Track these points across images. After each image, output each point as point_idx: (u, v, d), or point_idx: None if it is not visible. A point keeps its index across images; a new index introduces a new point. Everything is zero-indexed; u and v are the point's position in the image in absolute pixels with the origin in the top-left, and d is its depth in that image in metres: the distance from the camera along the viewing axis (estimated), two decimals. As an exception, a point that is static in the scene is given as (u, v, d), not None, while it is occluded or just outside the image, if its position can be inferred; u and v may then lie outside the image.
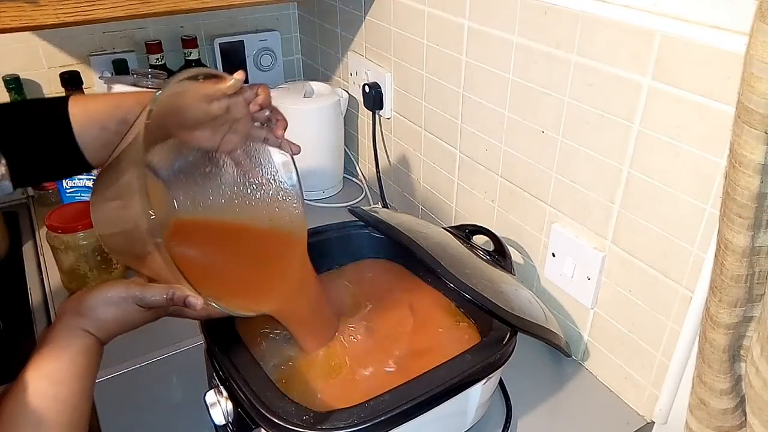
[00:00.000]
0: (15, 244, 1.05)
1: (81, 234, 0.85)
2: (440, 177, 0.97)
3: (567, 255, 0.74)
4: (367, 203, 1.18)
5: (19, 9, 0.71)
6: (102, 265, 0.89)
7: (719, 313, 0.50)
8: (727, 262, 0.48)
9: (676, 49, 0.55)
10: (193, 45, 1.19)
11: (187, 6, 0.82)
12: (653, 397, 0.69)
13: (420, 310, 0.72)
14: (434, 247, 0.67)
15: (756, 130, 0.43)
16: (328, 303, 0.70)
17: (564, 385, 0.76)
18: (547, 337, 0.65)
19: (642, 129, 0.61)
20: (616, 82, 0.62)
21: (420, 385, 0.55)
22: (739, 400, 0.54)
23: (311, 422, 0.51)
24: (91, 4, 0.75)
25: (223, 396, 0.59)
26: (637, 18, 0.58)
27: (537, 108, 0.73)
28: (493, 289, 0.64)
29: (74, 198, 0.95)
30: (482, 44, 0.79)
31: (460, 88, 0.86)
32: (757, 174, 0.44)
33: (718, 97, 0.53)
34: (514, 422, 0.70)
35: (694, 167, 0.57)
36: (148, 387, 0.75)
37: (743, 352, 0.53)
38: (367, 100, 1.08)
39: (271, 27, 1.32)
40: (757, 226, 0.46)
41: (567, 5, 0.65)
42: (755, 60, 0.41)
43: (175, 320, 0.86)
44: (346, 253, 0.79)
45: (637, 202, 0.64)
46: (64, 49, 1.13)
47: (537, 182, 0.77)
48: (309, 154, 1.13)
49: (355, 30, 1.11)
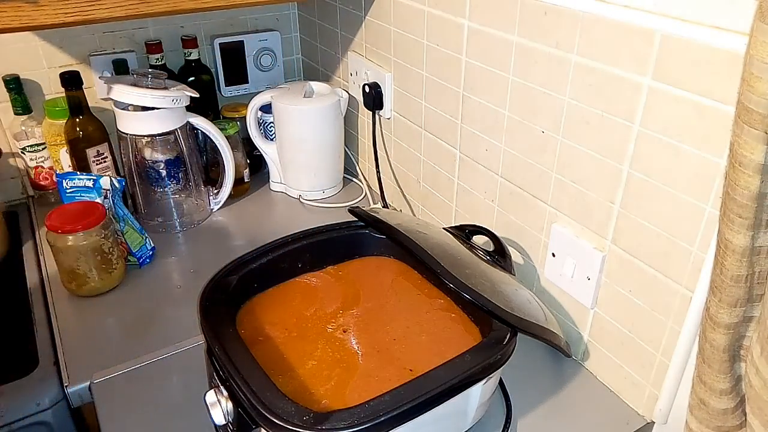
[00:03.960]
0: (15, 244, 1.05)
1: (81, 234, 0.86)
2: (440, 177, 0.97)
3: (567, 255, 0.74)
4: (367, 203, 1.18)
5: (19, 9, 0.71)
6: (102, 265, 0.89)
7: (719, 313, 0.50)
8: (727, 262, 0.48)
9: (676, 49, 0.55)
10: (193, 45, 1.19)
11: (187, 6, 0.82)
12: (653, 397, 0.69)
13: (420, 310, 0.72)
14: (434, 247, 0.67)
15: (756, 130, 0.43)
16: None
17: (564, 385, 0.76)
18: (547, 337, 0.65)
19: (642, 129, 0.61)
20: (617, 82, 0.62)
21: (420, 385, 0.55)
22: (739, 400, 0.54)
23: (311, 422, 0.51)
24: (90, 4, 0.75)
25: (223, 396, 0.59)
26: (638, 18, 0.58)
27: (537, 108, 0.73)
28: (493, 289, 0.64)
29: (74, 198, 0.95)
30: (482, 44, 0.79)
31: (460, 88, 0.86)
32: (757, 174, 0.44)
33: (718, 97, 0.53)
34: (514, 422, 0.70)
35: (694, 167, 0.57)
36: (148, 387, 0.75)
37: (743, 352, 0.53)
38: (367, 100, 1.08)
39: (271, 27, 1.32)
40: (757, 226, 0.46)
41: (567, 5, 0.65)
42: (755, 60, 0.41)
43: (175, 320, 0.86)
44: (346, 253, 0.79)
45: (637, 202, 0.64)
46: (64, 49, 1.13)
47: (537, 182, 0.77)
48: (309, 154, 1.14)
49: (355, 30, 1.11)
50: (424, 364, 0.63)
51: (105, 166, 1.09)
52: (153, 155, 1.04)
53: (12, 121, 1.10)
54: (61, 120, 1.07)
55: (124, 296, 0.92)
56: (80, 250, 0.86)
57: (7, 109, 1.10)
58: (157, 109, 0.99)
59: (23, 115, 1.09)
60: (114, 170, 1.11)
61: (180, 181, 1.08)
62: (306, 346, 0.66)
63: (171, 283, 0.95)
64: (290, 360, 0.64)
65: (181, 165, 1.06)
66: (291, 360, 0.64)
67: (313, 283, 0.76)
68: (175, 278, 0.96)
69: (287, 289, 0.75)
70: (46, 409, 0.75)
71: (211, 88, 1.25)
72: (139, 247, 0.97)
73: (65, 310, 0.88)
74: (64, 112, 1.05)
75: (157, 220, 1.08)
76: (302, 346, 0.66)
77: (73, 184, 0.96)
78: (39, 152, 1.11)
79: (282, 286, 0.75)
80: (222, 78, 1.27)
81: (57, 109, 1.07)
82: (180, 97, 1.00)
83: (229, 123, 1.14)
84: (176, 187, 1.08)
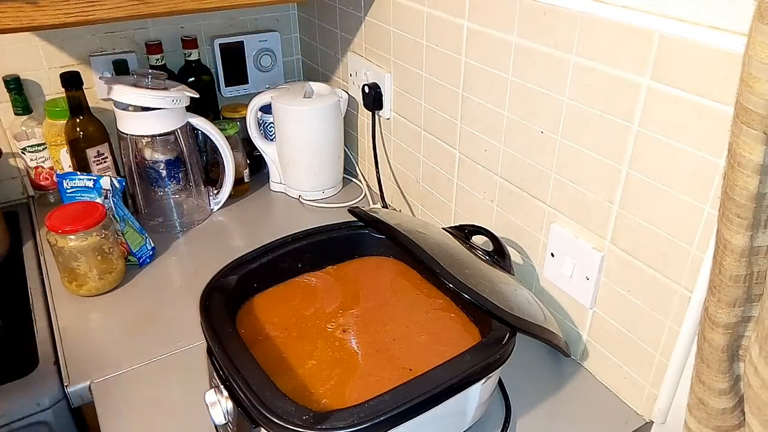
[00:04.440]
0: (15, 243, 1.05)
1: (81, 234, 0.86)
2: (440, 177, 0.98)
3: (566, 255, 0.74)
4: (367, 203, 1.18)
5: (19, 9, 0.71)
6: (102, 265, 0.89)
7: (718, 313, 0.51)
8: (726, 262, 0.48)
9: (674, 50, 0.55)
10: (193, 45, 1.19)
11: (188, 6, 0.82)
12: (652, 396, 0.69)
13: (420, 310, 0.72)
14: (433, 247, 0.67)
15: (754, 130, 0.43)
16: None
17: (563, 385, 0.76)
18: (546, 337, 0.65)
19: (641, 129, 0.61)
20: (615, 83, 0.62)
21: (419, 385, 0.55)
22: (738, 400, 0.54)
23: (311, 422, 0.51)
24: (91, 5, 0.75)
25: (223, 396, 0.59)
26: (636, 18, 0.58)
27: (536, 108, 0.73)
28: (492, 289, 0.64)
29: (74, 198, 0.95)
30: (481, 45, 0.79)
31: (459, 89, 0.86)
32: (756, 174, 0.44)
33: (717, 98, 0.53)
34: (514, 422, 0.70)
35: (692, 167, 0.57)
36: (148, 387, 0.75)
37: (742, 351, 0.53)
38: (367, 101, 1.08)
39: (271, 27, 1.32)
40: (755, 226, 0.46)
41: (566, 6, 0.65)
42: (754, 60, 0.41)
43: (175, 320, 0.86)
44: (346, 253, 0.79)
45: (636, 202, 0.64)
46: (65, 49, 1.14)
47: (536, 182, 0.77)
48: (309, 154, 1.14)
49: (354, 30, 1.11)
50: (423, 363, 0.63)
51: (105, 166, 1.09)
52: (153, 155, 1.04)
53: (12, 121, 1.11)
54: (61, 120, 1.07)
55: (124, 296, 0.92)
56: (80, 250, 0.86)
57: (7, 110, 1.10)
58: (157, 110, 0.99)
59: (23, 115, 1.09)
60: (114, 170, 1.11)
61: (180, 182, 1.08)
62: (306, 346, 0.66)
63: (171, 283, 0.95)
64: (290, 360, 0.64)
65: (181, 165, 1.06)
66: (291, 360, 0.64)
67: (312, 283, 0.76)
68: (175, 278, 0.96)
69: (287, 289, 0.75)
70: (46, 409, 0.75)
71: (211, 88, 1.25)
72: (139, 247, 0.97)
73: (65, 310, 0.88)
74: (65, 112, 1.06)
75: (157, 220, 1.08)
76: (302, 345, 0.66)
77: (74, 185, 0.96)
78: (39, 152, 1.12)
79: (282, 286, 0.75)
80: (222, 78, 1.27)
81: (57, 109, 1.07)
82: (180, 98, 1.00)
83: (229, 123, 1.14)
84: (176, 187, 1.08)
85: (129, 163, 1.04)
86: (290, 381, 0.62)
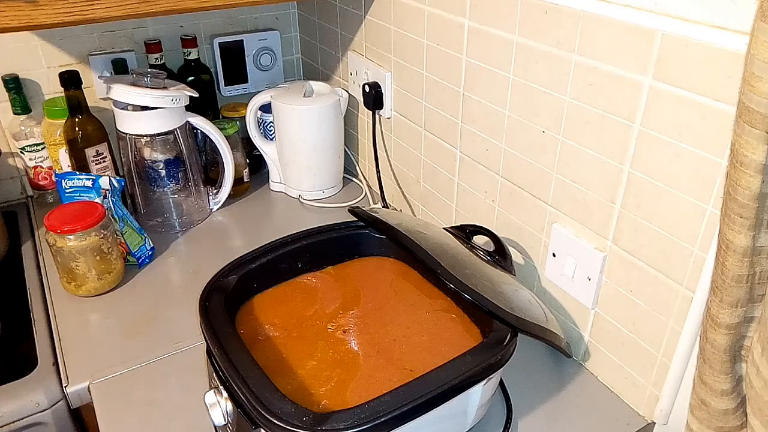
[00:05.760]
0: (14, 244, 1.05)
1: (80, 234, 0.85)
2: (440, 177, 0.97)
3: (568, 255, 0.74)
4: (367, 203, 1.18)
5: (19, 9, 0.70)
6: (101, 265, 0.89)
7: (720, 314, 0.50)
8: (728, 263, 0.48)
9: (676, 49, 0.55)
10: (193, 44, 1.19)
11: (187, 5, 0.81)
12: (654, 397, 0.69)
13: (421, 310, 0.72)
14: (434, 247, 0.67)
15: (757, 129, 0.42)
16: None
17: (564, 386, 0.76)
18: (548, 337, 0.65)
19: (643, 129, 0.61)
20: (617, 82, 0.61)
21: (420, 385, 0.55)
22: (740, 401, 0.54)
23: (311, 423, 0.51)
24: (90, 4, 0.74)
25: (223, 396, 0.58)
26: (638, 17, 0.57)
27: (537, 108, 0.73)
28: (493, 289, 0.64)
29: (73, 198, 0.95)
30: (483, 44, 0.79)
31: (460, 88, 0.86)
32: (758, 174, 0.44)
33: (719, 97, 0.52)
34: (515, 423, 0.70)
35: (695, 167, 0.56)
36: (148, 387, 0.75)
37: (744, 352, 0.53)
38: (367, 100, 1.08)
39: (270, 26, 1.32)
40: (758, 226, 0.46)
41: (568, 4, 0.65)
42: (756, 59, 0.41)
43: (174, 321, 0.86)
44: (346, 253, 0.79)
45: (638, 202, 0.64)
46: (64, 48, 1.13)
47: (537, 182, 0.76)
48: (309, 154, 1.14)
49: (355, 29, 1.11)
50: (424, 364, 0.63)
51: (104, 166, 1.09)
52: (152, 155, 1.04)
53: (11, 120, 1.10)
54: (60, 120, 1.07)
55: (123, 296, 0.92)
56: (79, 250, 0.86)
57: (6, 109, 1.10)
58: (157, 109, 0.99)
59: (22, 114, 1.09)
60: (113, 170, 1.11)
61: (179, 181, 1.07)
62: (306, 347, 0.66)
63: (170, 284, 0.95)
64: (290, 360, 0.64)
65: (180, 165, 1.06)
66: (291, 360, 0.64)
67: (312, 283, 0.76)
68: (175, 278, 0.96)
69: (287, 289, 0.75)
70: (45, 409, 0.75)
71: (210, 87, 1.25)
72: (139, 247, 0.97)
73: (64, 310, 0.88)
74: (64, 111, 1.05)
75: (156, 220, 1.08)
76: (302, 346, 0.66)
77: (72, 184, 0.95)
78: (38, 152, 1.11)
79: (282, 286, 0.75)
80: (221, 77, 1.27)
81: (56, 108, 1.07)
82: (179, 97, 1.00)
83: (229, 123, 1.13)
84: (176, 187, 1.08)
85: (128, 162, 1.04)
86: (290, 382, 0.61)
